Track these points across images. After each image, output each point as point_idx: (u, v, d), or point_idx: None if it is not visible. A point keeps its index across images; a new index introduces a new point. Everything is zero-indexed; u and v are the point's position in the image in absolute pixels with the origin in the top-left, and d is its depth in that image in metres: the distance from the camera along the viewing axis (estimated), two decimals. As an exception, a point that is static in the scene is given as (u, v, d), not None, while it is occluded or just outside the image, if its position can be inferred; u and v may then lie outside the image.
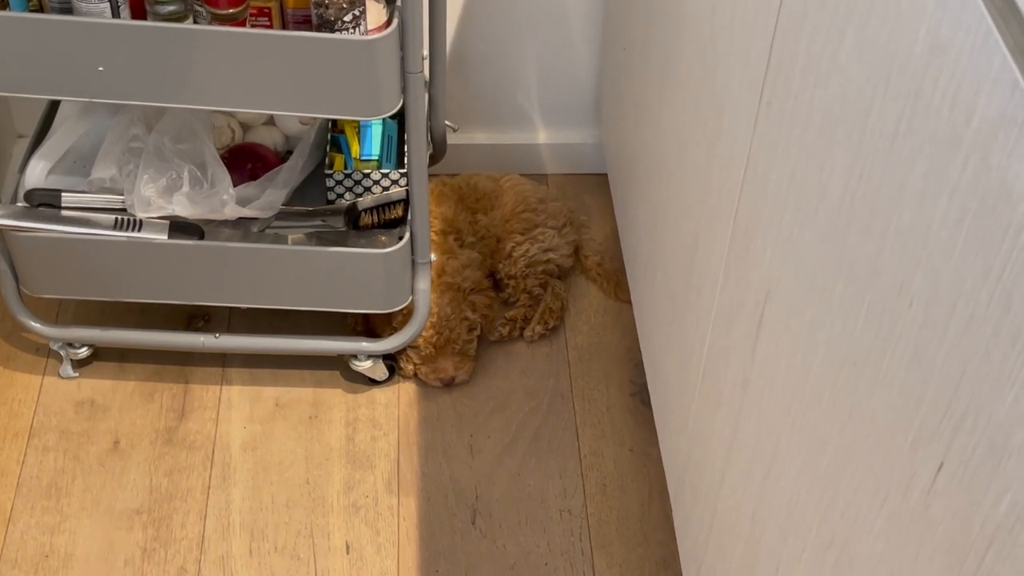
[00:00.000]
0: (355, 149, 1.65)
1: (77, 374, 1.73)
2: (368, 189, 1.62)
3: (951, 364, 0.66)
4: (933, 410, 0.69)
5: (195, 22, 1.34)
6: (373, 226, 1.61)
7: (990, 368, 0.62)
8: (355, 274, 1.59)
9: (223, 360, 1.76)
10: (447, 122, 1.80)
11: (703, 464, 1.27)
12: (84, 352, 1.72)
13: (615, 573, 1.55)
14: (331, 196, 1.64)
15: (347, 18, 1.33)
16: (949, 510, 0.67)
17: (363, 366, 1.70)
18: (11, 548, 1.55)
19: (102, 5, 1.30)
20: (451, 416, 1.72)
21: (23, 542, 1.55)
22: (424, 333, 1.68)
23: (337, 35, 1.33)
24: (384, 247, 1.57)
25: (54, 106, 1.66)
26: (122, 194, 1.55)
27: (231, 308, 1.79)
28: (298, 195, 1.63)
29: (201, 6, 1.33)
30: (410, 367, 1.74)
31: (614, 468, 1.66)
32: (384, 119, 1.65)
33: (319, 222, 1.61)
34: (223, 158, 1.56)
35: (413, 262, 1.61)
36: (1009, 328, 0.60)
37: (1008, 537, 0.61)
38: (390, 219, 1.61)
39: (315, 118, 1.65)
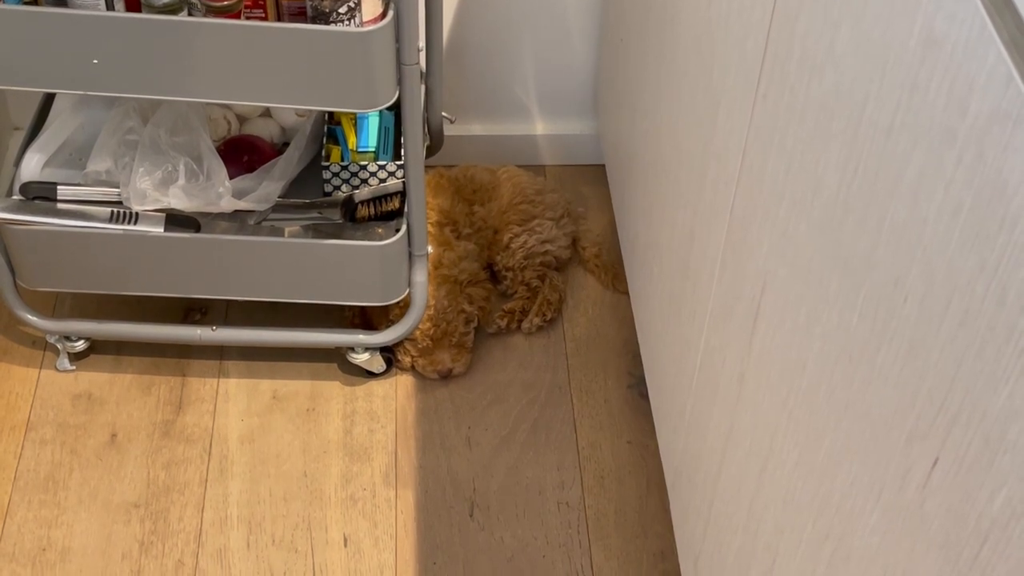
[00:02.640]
0: (352, 141, 1.64)
1: (74, 367, 1.73)
2: (365, 181, 1.62)
3: (946, 359, 0.66)
4: (928, 405, 0.68)
5: (190, 14, 1.34)
6: (370, 218, 1.61)
7: (985, 363, 0.62)
8: (352, 266, 1.58)
9: (220, 353, 1.76)
10: (444, 114, 1.79)
11: (700, 457, 1.27)
12: (81, 345, 1.72)
13: (612, 565, 1.55)
14: (328, 188, 1.63)
15: (342, 10, 1.32)
16: (944, 505, 0.67)
17: (360, 359, 1.70)
18: (8, 542, 1.55)
19: (96, -3, 1.30)
20: (449, 409, 1.72)
21: (20, 535, 1.55)
22: (421, 325, 1.68)
23: (332, 27, 1.33)
24: (381, 239, 1.56)
25: (49, 99, 1.66)
26: (118, 187, 1.54)
27: (228, 301, 1.79)
28: (295, 187, 1.62)
29: (196, -2, 1.33)
30: (407, 359, 1.73)
31: (612, 460, 1.66)
32: (381, 111, 1.65)
33: (316, 214, 1.61)
34: (219, 150, 1.55)
35: (410, 254, 1.61)
36: (1004, 323, 0.59)
37: (1003, 533, 0.61)
38: (387, 211, 1.61)
39: (311, 110, 1.64)
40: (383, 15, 1.34)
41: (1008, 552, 0.60)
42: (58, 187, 1.56)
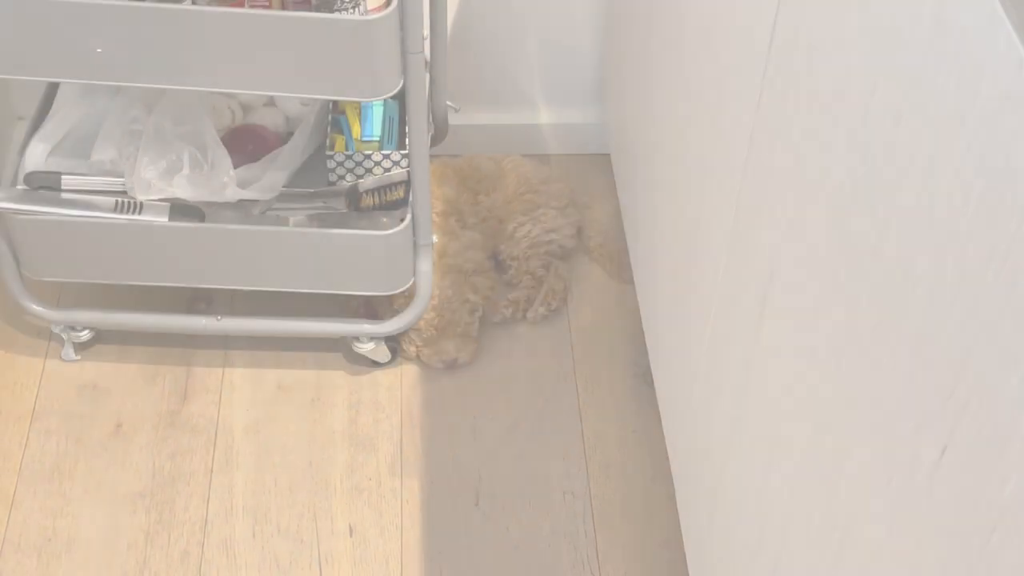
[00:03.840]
0: (356, 130, 1.64)
1: (79, 357, 1.73)
2: (369, 170, 1.62)
3: (956, 346, 0.65)
4: (937, 392, 0.68)
5: (194, 2, 1.33)
6: (374, 208, 1.60)
7: (995, 350, 0.61)
8: (357, 256, 1.58)
9: (225, 343, 1.76)
10: (448, 102, 1.79)
11: (706, 446, 1.27)
12: (86, 335, 1.72)
13: (618, 554, 1.55)
14: (332, 178, 1.63)
15: (346, -2, 1.32)
16: (953, 493, 0.67)
17: (365, 348, 1.70)
18: (14, 531, 1.55)
19: (100, -14, 1.29)
20: (454, 398, 1.71)
21: (26, 525, 1.55)
22: (425, 316, 1.68)
23: (336, 15, 1.32)
24: (386, 229, 1.56)
25: (53, 88, 1.66)
26: (122, 176, 1.54)
27: (233, 290, 1.79)
28: (299, 177, 1.62)
29: (199, -13, 1.32)
30: (412, 349, 1.73)
31: (617, 449, 1.66)
32: (385, 100, 1.64)
33: (320, 204, 1.61)
34: (223, 140, 1.55)
35: (415, 244, 1.61)
36: (1014, 310, 0.59)
37: (1013, 521, 0.60)
38: (391, 200, 1.60)
39: (316, 99, 1.64)
40: (387, 3, 1.34)
41: (1019, 540, 0.60)
42: (62, 176, 1.55)
